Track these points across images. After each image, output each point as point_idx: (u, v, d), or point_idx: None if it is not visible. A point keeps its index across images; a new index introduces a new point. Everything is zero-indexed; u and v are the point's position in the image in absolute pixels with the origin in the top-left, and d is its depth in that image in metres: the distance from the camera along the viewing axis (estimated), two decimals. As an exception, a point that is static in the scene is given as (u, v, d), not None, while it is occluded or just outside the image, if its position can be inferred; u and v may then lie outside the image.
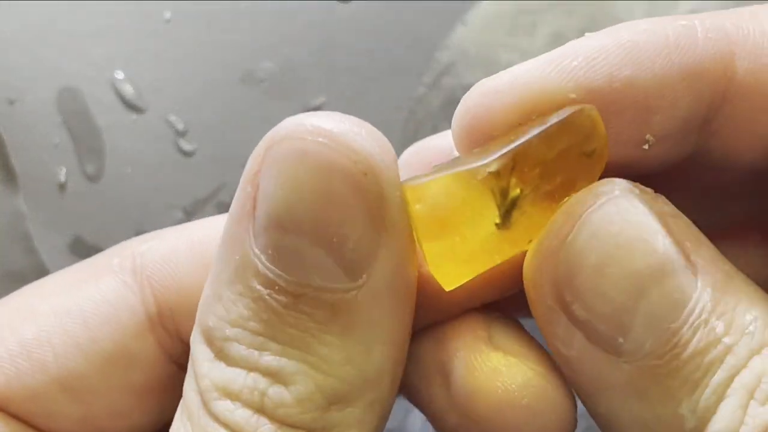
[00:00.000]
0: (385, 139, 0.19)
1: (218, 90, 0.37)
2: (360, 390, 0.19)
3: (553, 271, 0.18)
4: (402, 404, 0.36)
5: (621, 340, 0.18)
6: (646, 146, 0.20)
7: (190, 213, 0.36)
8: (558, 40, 0.38)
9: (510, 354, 0.20)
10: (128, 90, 0.37)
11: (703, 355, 0.17)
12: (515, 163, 0.19)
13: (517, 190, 0.19)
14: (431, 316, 0.21)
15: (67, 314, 0.23)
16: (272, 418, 0.18)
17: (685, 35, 0.19)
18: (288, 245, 0.18)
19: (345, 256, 0.18)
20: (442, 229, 0.19)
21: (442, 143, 0.23)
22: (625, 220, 0.18)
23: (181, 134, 0.37)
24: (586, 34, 0.20)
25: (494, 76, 0.20)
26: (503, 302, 0.22)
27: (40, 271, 0.35)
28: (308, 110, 0.37)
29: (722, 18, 0.20)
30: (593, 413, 0.20)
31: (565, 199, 0.19)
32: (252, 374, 0.18)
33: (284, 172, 0.18)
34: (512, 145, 0.19)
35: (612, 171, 0.20)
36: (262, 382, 0.18)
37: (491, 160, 0.19)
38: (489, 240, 0.19)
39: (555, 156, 0.19)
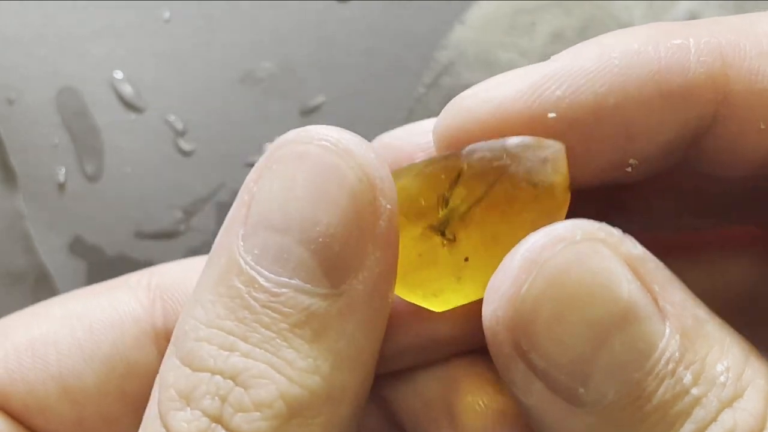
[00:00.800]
0: (383, 156, 0.19)
1: (217, 90, 0.37)
2: (323, 404, 0.18)
3: (510, 318, 0.17)
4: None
5: (581, 390, 0.17)
6: (629, 169, 0.20)
7: (190, 213, 0.36)
8: (557, 39, 0.38)
9: None
10: (127, 90, 0.37)
11: (669, 407, 0.17)
12: (461, 173, 0.19)
13: (458, 199, 0.19)
14: (434, 352, 0.21)
15: (75, 317, 0.23)
16: (228, 427, 0.18)
17: (677, 59, 0.19)
18: (274, 243, 0.18)
19: (329, 259, 0.18)
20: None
21: (404, 143, 0.22)
22: (585, 268, 0.17)
23: (181, 134, 0.37)
24: (576, 47, 0.20)
25: (474, 92, 0.20)
26: None
27: (40, 271, 0.36)
28: (307, 110, 0.37)
29: (719, 35, 0.19)
30: None
31: (523, 238, 0.18)
32: (215, 377, 0.18)
33: (282, 172, 0.18)
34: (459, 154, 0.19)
35: (594, 189, 0.20)
36: (224, 385, 0.18)
37: (438, 164, 0.19)
38: (427, 245, 0.19)
39: (497, 176, 0.19)
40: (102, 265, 0.36)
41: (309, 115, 0.37)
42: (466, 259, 0.19)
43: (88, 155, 0.36)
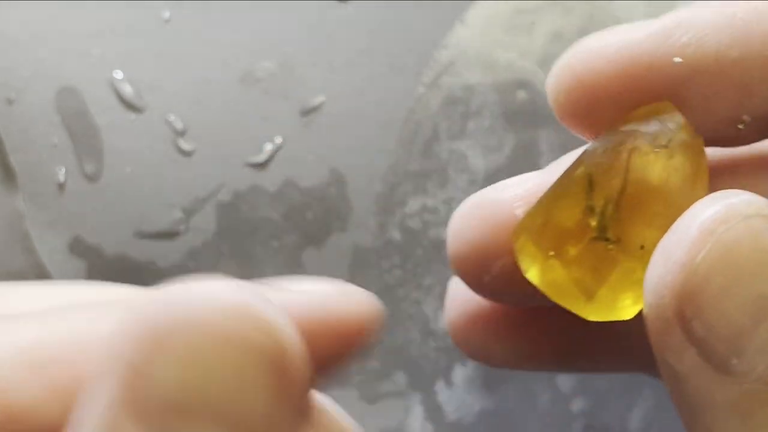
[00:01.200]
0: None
1: (217, 90, 0.37)
2: None
3: (680, 285, 0.18)
4: (401, 404, 0.36)
5: (735, 361, 0.18)
6: (741, 126, 0.20)
7: (190, 213, 0.36)
8: (557, 39, 0.38)
9: None
10: (127, 90, 0.37)
11: None
12: (591, 177, 0.19)
13: (601, 202, 0.19)
14: None
15: None
16: None
17: None
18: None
19: None
20: (546, 253, 0.19)
21: (501, 197, 0.23)
22: (756, 243, 0.18)
23: (181, 134, 0.37)
24: (689, 5, 0.20)
25: (600, 36, 0.21)
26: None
27: (40, 271, 0.35)
28: (307, 110, 0.37)
29: None
30: (690, 431, 0.20)
31: (683, 201, 0.19)
32: None
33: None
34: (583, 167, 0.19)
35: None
36: None
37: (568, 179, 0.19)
38: (598, 257, 0.19)
39: (627, 158, 0.19)
40: (102, 265, 0.36)
41: (309, 114, 0.37)
42: (642, 247, 0.19)
43: (88, 155, 0.36)
